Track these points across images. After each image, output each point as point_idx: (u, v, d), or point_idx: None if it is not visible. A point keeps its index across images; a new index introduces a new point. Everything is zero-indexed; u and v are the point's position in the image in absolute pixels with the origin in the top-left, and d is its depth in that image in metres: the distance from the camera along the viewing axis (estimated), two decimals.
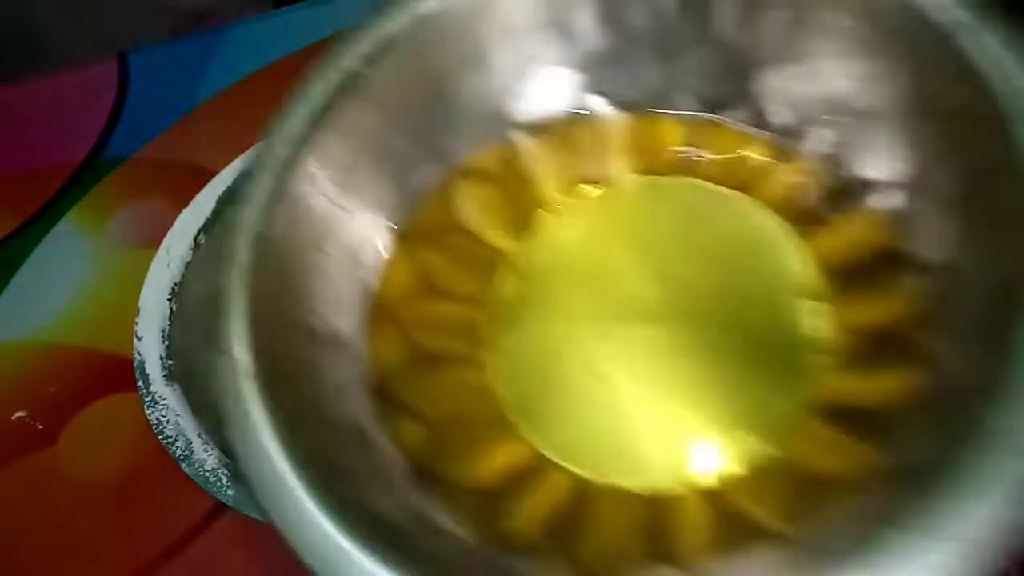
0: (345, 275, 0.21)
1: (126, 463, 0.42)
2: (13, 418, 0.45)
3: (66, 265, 0.52)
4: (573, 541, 0.18)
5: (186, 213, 0.38)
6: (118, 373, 0.45)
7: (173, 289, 0.36)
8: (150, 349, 0.35)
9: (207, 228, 0.37)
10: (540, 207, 0.22)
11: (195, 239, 0.37)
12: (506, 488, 0.19)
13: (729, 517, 0.18)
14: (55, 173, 0.57)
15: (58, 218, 0.54)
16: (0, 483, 0.43)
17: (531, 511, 0.19)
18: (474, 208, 0.23)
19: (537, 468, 0.19)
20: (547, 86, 0.23)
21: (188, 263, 0.37)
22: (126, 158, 0.58)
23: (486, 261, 0.22)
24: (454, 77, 0.22)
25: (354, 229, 0.21)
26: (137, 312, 0.35)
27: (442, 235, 0.22)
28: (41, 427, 0.44)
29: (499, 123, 0.23)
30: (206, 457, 0.31)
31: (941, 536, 0.13)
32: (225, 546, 0.39)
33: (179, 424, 0.32)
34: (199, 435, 0.32)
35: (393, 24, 0.21)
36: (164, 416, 0.33)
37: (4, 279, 0.52)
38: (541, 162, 0.23)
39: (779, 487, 0.17)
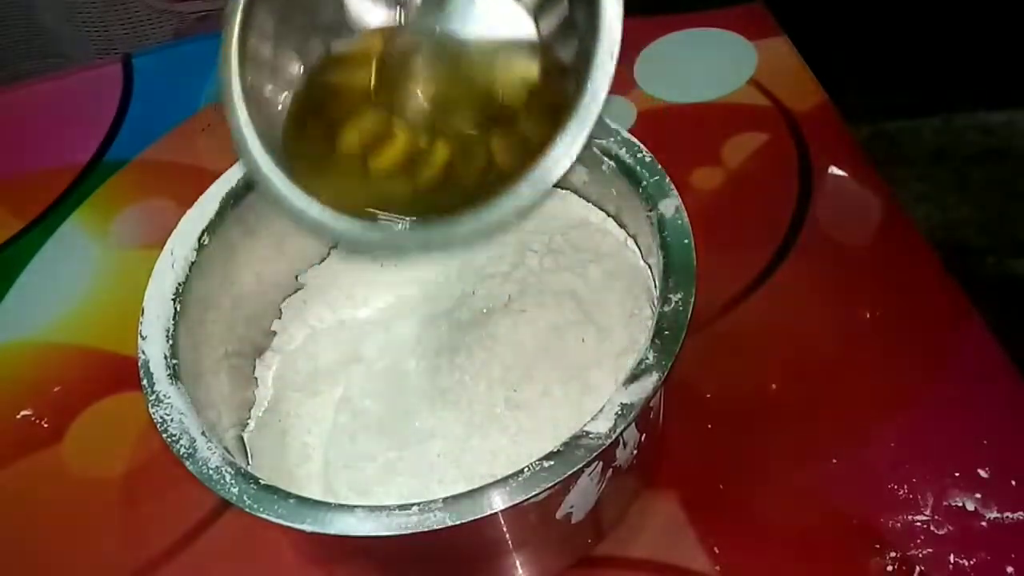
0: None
1: (130, 461, 0.43)
2: (19, 416, 0.45)
3: (71, 266, 0.52)
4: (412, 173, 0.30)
5: (190, 214, 0.38)
6: (122, 372, 0.46)
7: (177, 289, 0.36)
8: (154, 348, 0.35)
9: (211, 229, 0.38)
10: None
11: (199, 240, 0.37)
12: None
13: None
14: (60, 175, 0.57)
15: (63, 219, 0.55)
16: (6, 480, 0.43)
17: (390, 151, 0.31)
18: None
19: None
20: None
21: (192, 263, 0.37)
22: (130, 160, 0.58)
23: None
24: None
25: None
26: (141, 312, 0.35)
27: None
28: (46, 425, 0.45)
29: None
30: (209, 455, 0.31)
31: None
32: (228, 543, 0.40)
33: (183, 422, 0.32)
34: (202, 433, 0.32)
35: None
36: (168, 415, 0.33)
37: (9, 279, 0.52)
38: None
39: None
